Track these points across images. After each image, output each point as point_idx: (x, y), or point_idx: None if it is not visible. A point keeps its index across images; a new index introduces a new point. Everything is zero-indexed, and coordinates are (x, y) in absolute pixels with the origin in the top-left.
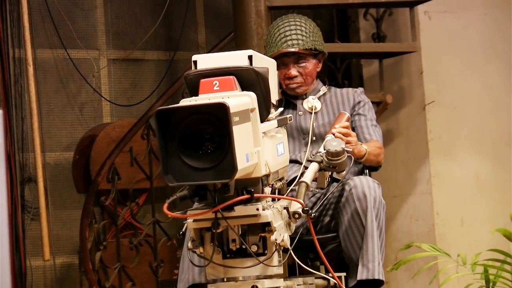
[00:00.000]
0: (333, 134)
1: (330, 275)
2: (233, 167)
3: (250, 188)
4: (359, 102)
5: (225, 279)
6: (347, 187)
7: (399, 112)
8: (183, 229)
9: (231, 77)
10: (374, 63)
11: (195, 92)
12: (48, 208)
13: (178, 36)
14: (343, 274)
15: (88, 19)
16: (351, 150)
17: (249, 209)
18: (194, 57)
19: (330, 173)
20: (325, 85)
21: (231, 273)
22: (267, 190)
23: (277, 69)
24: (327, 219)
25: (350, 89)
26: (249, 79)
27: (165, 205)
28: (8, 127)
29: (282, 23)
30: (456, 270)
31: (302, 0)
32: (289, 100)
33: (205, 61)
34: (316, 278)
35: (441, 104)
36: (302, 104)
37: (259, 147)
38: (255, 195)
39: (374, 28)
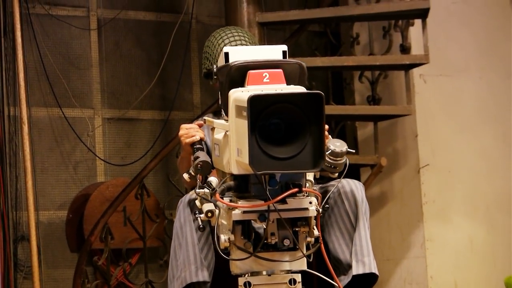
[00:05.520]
0: None
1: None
2: (321, 156)
3: (295, 182)
4: None
5: (248, 274)
6: (334, 189)
7: (393, 175)
8: (201, 222)
9: (280, 70)
10: (369, 125)
11: (237, 83)
12: (40, 267)
13: (173, 96)
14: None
15: (83, 78)
16: (353, 151)
17: (302, 202)
18: (225, 49)
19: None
20: None
21: (263, 267)
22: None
23: None
24: None
25: None
26: (292, 73)
27: (217, 195)
28: (2, 185)
29: (224, 34)
30: None
31: None
32: None
33: (237, 53)
34: None
35: (435, 168)
36: None
37: None
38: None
39: (369, 90)
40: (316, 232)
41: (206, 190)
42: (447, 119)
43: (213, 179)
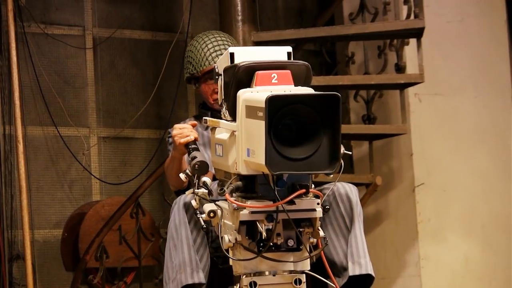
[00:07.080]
0: None
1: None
2: (336, 157)
3: (302, 183)
4: None
5: (251, 274)
6: (329, 192)
7: (388, 194)
8: (203, 223)
9: (288, 71)
10: (364, 144)
11: (244, 84)
12: (36, 286)
13: (169, 115)
14: None
15: (79, 97)
16: (350, 153)
17: (311, 203)
18: (231, 49)
19: None
20: None
21: (268, 267)
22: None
23: (205, 84)
24: None
25: None
26: (299, 74)
27: (227, 194)
28: None
29: (207, 38)
30: None
31: None
32: (216, 115)
33: (243, 54)
34: None
35: (430, 187)
36: None
37: None
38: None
39: (365, 109)
40: (321, 233)
41: (204, 190)
42: (443, 138)
43: (207, 179)
